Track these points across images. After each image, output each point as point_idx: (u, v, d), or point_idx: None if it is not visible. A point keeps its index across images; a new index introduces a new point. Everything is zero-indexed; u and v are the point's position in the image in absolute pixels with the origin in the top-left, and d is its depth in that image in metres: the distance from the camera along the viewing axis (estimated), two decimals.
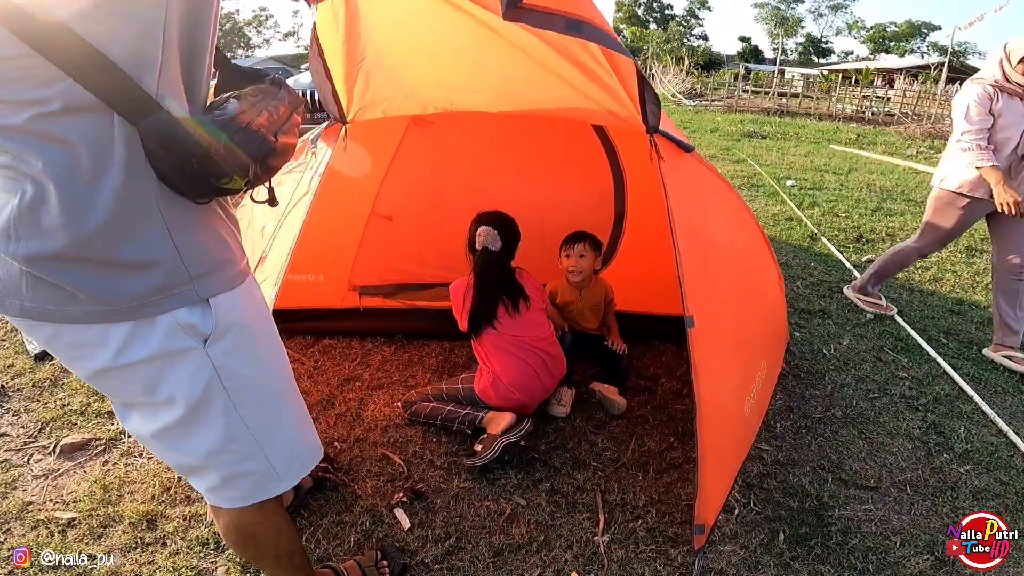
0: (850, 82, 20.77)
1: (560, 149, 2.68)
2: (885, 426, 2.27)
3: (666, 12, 64.05)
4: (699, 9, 64.04)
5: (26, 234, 0.84)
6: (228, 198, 1.02)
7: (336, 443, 2.10)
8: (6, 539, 1.73)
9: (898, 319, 3.07)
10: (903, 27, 61.74)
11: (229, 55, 1.06)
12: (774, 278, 2.48)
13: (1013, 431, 2.24)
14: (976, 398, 2.44)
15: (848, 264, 3.81)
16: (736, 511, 1.85)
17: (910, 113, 14.51)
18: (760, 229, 2.38)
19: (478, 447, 1.99)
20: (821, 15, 66.26)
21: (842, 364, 2.68)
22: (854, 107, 15.69)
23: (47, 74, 0.78)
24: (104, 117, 0.82)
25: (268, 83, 0.99)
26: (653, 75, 25.27)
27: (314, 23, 1.68)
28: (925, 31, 61.27)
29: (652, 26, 60.94)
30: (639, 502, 1.87)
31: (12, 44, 0.76)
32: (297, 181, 1.86)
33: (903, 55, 56.42)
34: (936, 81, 20.33)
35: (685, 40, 55.02)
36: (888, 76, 24.91)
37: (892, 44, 61.66)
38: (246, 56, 53.92)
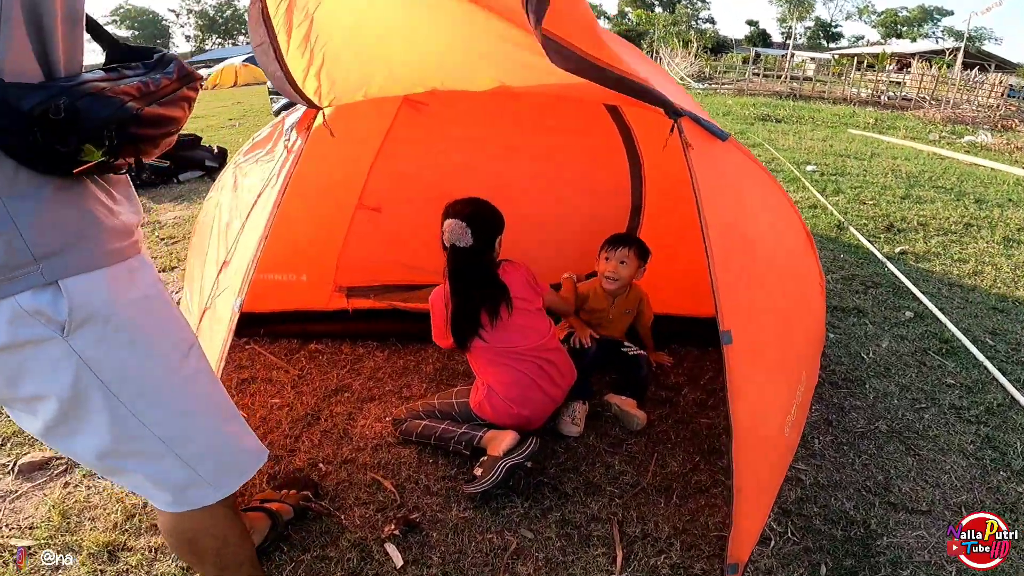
0: (863, 66, 20.32)
1: (569, 132, 2.41)
2: (935, 440, 2.03)
3: None
4: None
5: None
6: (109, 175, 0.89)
7: (321, 465, 1.88)
8: None
9: (944, 320, 2.81)
10: (915, 12, 61.10)
11: (232, 43, 0.86)
12: (816, 281, 2.22)
13: None
14: None
15: (880, 256, 3.54)
16: (772, 542, 1.62)
17: (927, 98, 14.09)
18: (805, 227, 2.11)
19: (478, 471, 1.76)
20: None
21: (883, 370, 2.43)
22: (869, 91, 15.31)
23: None
24: None
25: (156, 58, 0.91)
26: (660, 58, 24.73)
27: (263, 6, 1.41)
28: (938, 16, 60.53)
29: (658, 9, 60.02)
30: (661, 534, 1.65)
31: None
32: (268, 172, 1.62)
33: (915, 40, 55.97)
34: (950, 66, 19.89)
35: (692, 23, 53.95)
36: (901, 61, 24.48)
37: (904, 29, 60.82)
38: (248, 42, 53.84)
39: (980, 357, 2.51)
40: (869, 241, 3.79)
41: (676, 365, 2.43)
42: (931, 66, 19.01)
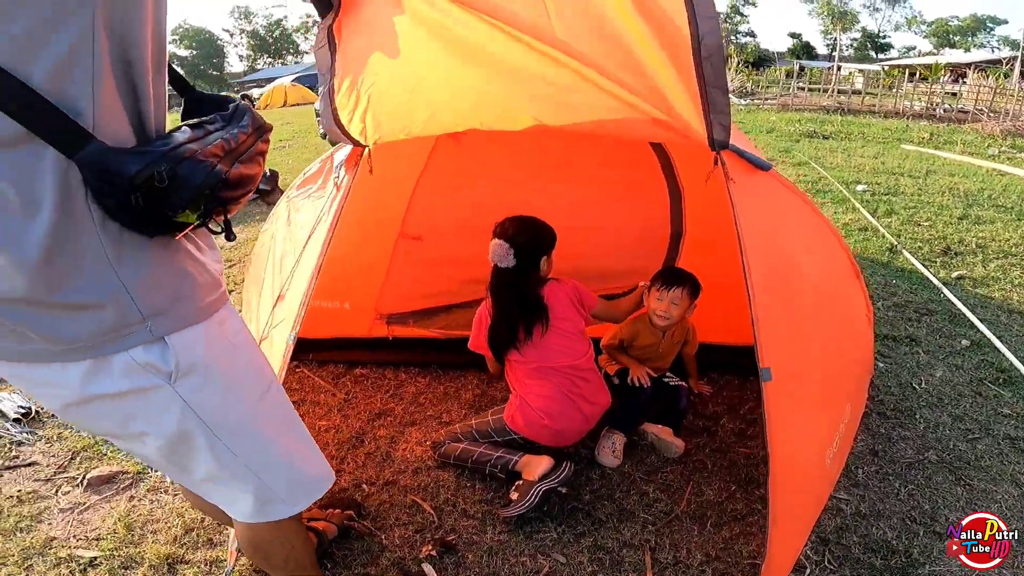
0: (915, 78, 19.47)
1: (607, 159, 2.46)
2: (987, 471, 1.96)
3: None
4: (743, 5, 61.75)
5: None
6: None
7: (364, 486, 1.96)
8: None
9: (1001, 348, 2.69)
10: (967, 21, 58.28)
11: (281, 63, 0.95)
12: (862, 311, 2.18)
13: None
14: None
15: (936, 281, 3.41)
16: (808, 571, 1.60)
17: (986, 110, 13.39)
18: (850, 257, 2.09)
19: (514, 495, 1.81)
20: (877, 10, 62.57)
21: (935, 400, 2.35)
22: (923, 104, 14.58)
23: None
24: (35, 150, 0.75)
25: (232, 109, 0.94)
26: None
27: (330, 28, 1.53)
28: (991, 25, 57.67)
29: None
30: (694, 561, 1.65)
31: None
32: (319, 209, 1.74)
33: (968, 50, 53.12)
34: (1007, 76, 18.92)
35: (732, 38, 52.83)
36: (956, 71, 23.33)
37: (956, 39, 58.07)
38: (295, 62, 56.31)
39: None
40: (924, 265, 3.65)
41: (716, 394, 2.41)
42: (987, 76, 18.10)
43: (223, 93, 1.04)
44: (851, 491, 1.88)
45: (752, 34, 62.41)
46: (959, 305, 3.09)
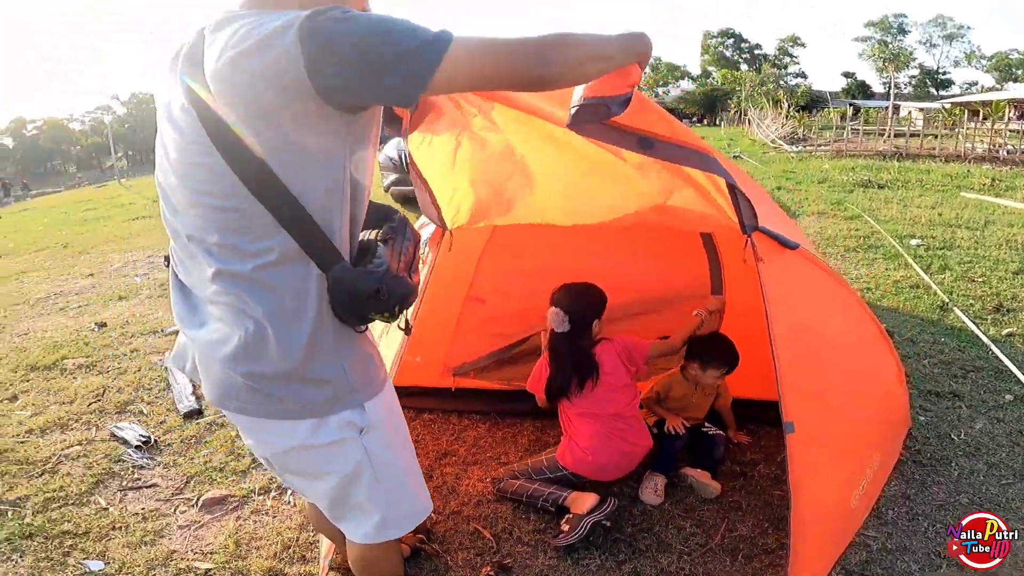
0: (978, 116, 18.47)
1: (654, 233, 2.73)
2: (1016, 512, 2.05)
3: (756, 52, 61.22)
4: (792, 47, 60.70)
5: (248, 360, 1.11)
6: None
7: (433, 515, 2.23)
8: None
9: None
10: None
11: None
12: (892, 369, 2.35)
13: None
14: None
15: (985, 339, 3.43)
16: None
17: None
18: (878, 324, 2.27)
19: (565, 527, 2.03)
20: (934, 45, 60.15)
21: (973, 450, 2.43)
22: (985, 145, 13.83)
23: (266, 227, 1.04)
24: (304, 267, 1.07)
25: (398, 221, 1.23)
26: (749, 120, 24.21)
27: (408, 152, 1.94)
28: None
29: (744, 67, 58.07)
30: None
31: (244, 197, 1.02)
32: None
33: None
34: None
35: (782, 81, 51.17)
36: (1021, 108, 22.03)
37: (1019, 72, 54.78)
38: None
39: None
40: (974, 323, 3.66)
41: (754, 444, 2.57)
42: None
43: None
44: (880, 529, 2.00)
45: (803, 75, 60.74)
46: (1005, 360, 3.13)
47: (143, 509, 2.40)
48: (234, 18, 1.01)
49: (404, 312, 1.20)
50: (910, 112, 28.69)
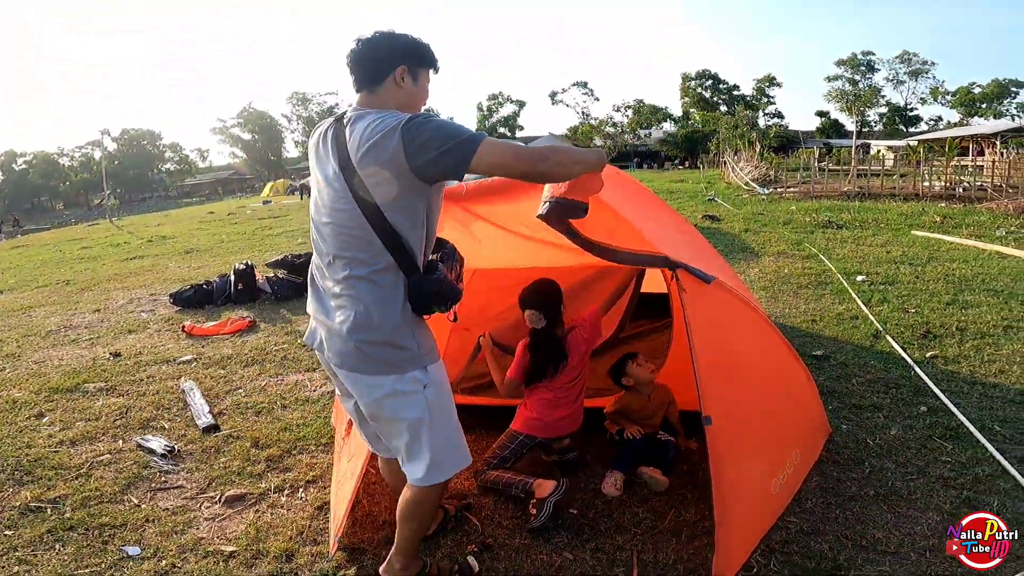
0: (940, 153, 19.10)
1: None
2: (916, 502, 2.44)
3: (734, 93, 61.81)
4: (768, 87, 61.63)
5: (359, 330, 1.73)
6: None
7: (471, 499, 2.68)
8: (183, 565, 2.34)
9: (951, 407, 3.19)
10: (990, 87, 56.03)
11: None
12: (802, 379, 2.80)
13: None
14: (1015, 473, 2.54)
15: (910, 360, 3.90)
16: (755, 570, 2.13)
17: (1003, 185, 13.28)
18: (784, 341, 2.70)
19: (533, 511, 2.44)
20: (901, 82, 61.20)
21: (885, 452, 2.86)
22: (943, 183, 14.57)
23: (378, 248, 1.69)
24: (397, 274, 1.74)
25: (449, 248, 1.92)
26: (725, 162, 24.86)
27: None
28: (1014, 89, 55.01)
29: (723, 108, 58.74)
30: (669, 560, 2.22)
31: (366, 229, 1.68)
32: None
33: (996, 117, 50.67)
34: None
35: (756, 122, 51.54)
36: (981, 143, 22.51)
37: (983, 107, 55.90)
38: None
39: (976, 434, 2.89)
40: (903, 348, 4.14)
41: (702, 447, 2.92)
42: (1008, 148, 17.69)
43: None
44: (799, 515, 2.41)
45: (779, 115, 61.51)
46: (923, 376, 3.61)
47: (172, 505, 2.75)
48: (365, 115, 1.68)
49: (453, 307, 1.84)
50: (879, 151, 29.59)
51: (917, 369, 3.75)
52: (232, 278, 6.92)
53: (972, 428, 2.98)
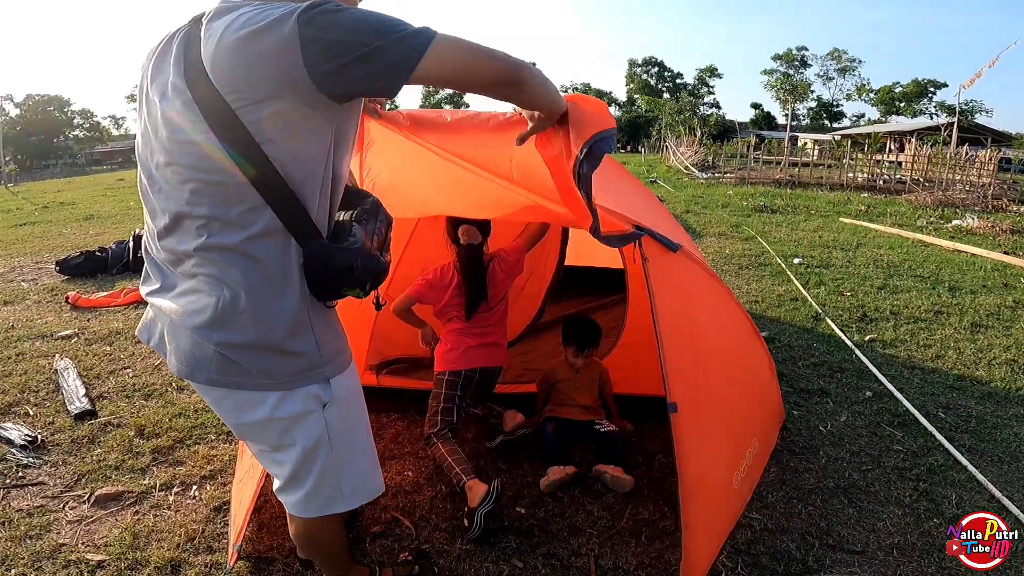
0: (862, 148, 20.11)
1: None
2: (876, 495, 2.34)
3: (678, 81, 63.21)
4: (709, 77, 63.28)
5: (223, 327, 1.15)
6: None
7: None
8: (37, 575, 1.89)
9: (897, 395, 3.15)
10: (910, 87, 58.17)
11: None
12: (765, 364, 2.62)
13: (1005, 496, 2.29)
14: (967, 465, 2.50)
15: (850, 343, 3.89)
16: (722, 573, 1.92)
17: (921, 180, 14.19)
18: (750, 321, 2.53)
19: (465, 522, 2.11)
20: (830, 78, 63.62)
21: (838, 440, 2.75)
22: (865, 175, 15.35)
23: (252, 201, 1.11)
24: (286, 240, 1.15)
25: (371, 205, 1.30)
26: (667, 147, 25.39)
27: None
28: (932, 90, 57.57)
29: (666, 95, 59.84)
30: (630, 566, 1.97)
31: (234, 172, 1.09)
32: None
33: (913, 116, 53.80)
34: (947, 143, 19.87)
35: (697, 109, 53.12)
36: (900, 140, 24.27)
37: (902, 105, 58.69)
38: None
39: (925, 423, 2.84)
40: (842, 331, 4.14)
41: (654, 436, 2.74)
42: (924, 144, 18.97)
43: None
44: (761, 511, 2.23)
45: (717, 105, 62.99)
46: (866, 362, 3.57)
47: (28, 505, 2.25)
48: (234, 7, 1.10)
49: (375, 289, 1.27)
50: (805, 143, 31.13)
51: (859, 353, 3.73)
52: (131, 245, 6.13)
53: (920, 417, 2.93)
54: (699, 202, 11.01)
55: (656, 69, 63.00)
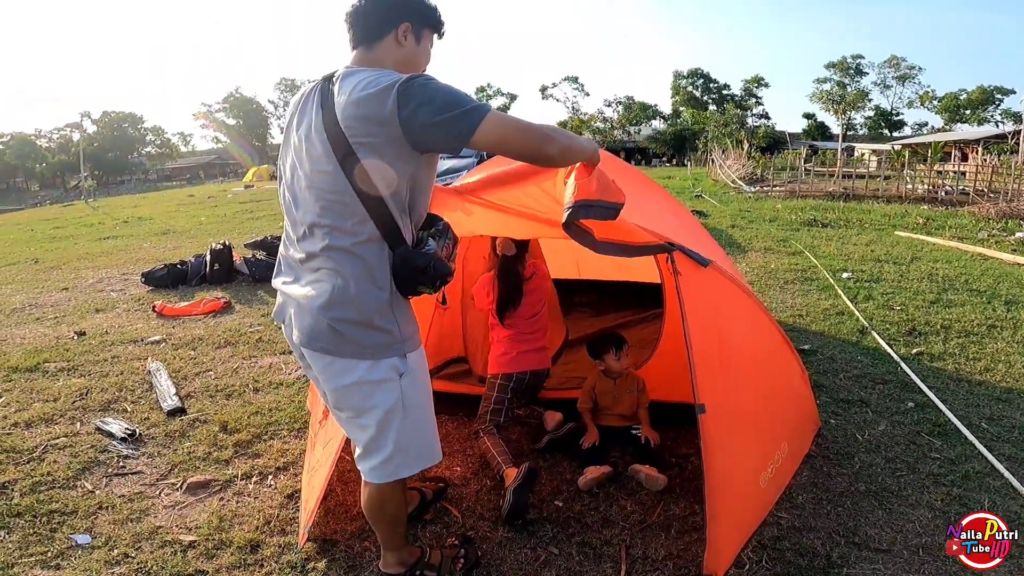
0: (924, 158, 19.36)
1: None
2: (907, 499, 2.39)
3: (724, 92, 61.54)
4: (756, 88, 61.30)
5: (334, 307, 1.56)
6: None
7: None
8: (137, 555, 2.18)
9: (939, 404, 3.16)
10: (975, 94, 55.67)
11: None
12: (796, 373, 2.72)
13: None
14: (1003, 471, 2.51)
15: (896, 357, 3.87)
16: (747, 566, 2.05)
17: (985, 190, 13.49)
18: (781, 332, 2.63)
19: (502, 502, 2.32)
20: (888, 86, 61.24)
21: (874, 447, 2.80)
22: (926, 186, 14.74)
23: (361, 215, 1.53)
24: (382, 245, 1.58)
25: (442, 226, 1.70)
26: (713, 160, 25.03)
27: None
28: (999, 96, 54.79)
29: (712, 107, 58.73)
30: (659, 556, 2.12)
31: (350, 195, 1.52)
32: None
33: (979, 124, 51.27)
34: (1014, 152, 18.90)
35: (745, 121, 52.10)
36: (964, 149, 23.30)
37: (967, 113, 56.03)
38: None
39: (964, 431, 2.85)
40: (888, 344, 4.11)
41: (688, 440, 2.86)
42: (991, 153, 17.97)
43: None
44: (790, 511, 2.33)
45: (766, 116, 61.05)
46: (909, 372, 3.57)
47: (129, 492, 2.58)
48: (356, 72, 1.54)
49: (443, 287, 1.66)
50: (863, 154, 29.88)
51: (903, 365, 3.72)
52: (208, 258, 6.69)
53: (960, 425, 2.94)
54: (746, 216, 10.87)
55: (701, 81, 61.88)
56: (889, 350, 4.00)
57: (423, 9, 1.66)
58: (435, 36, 1.72)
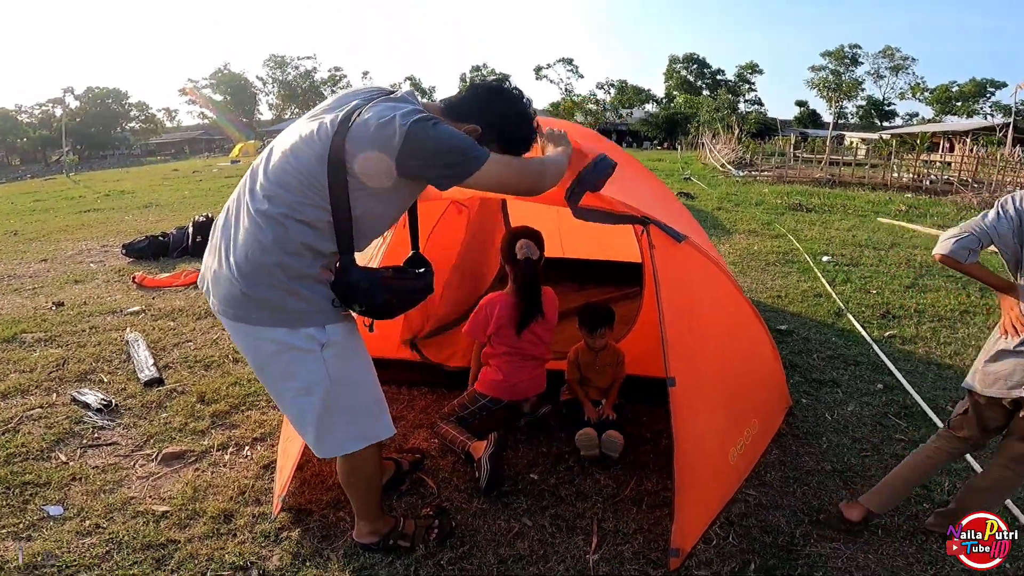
0: (912, 147, 19.58)
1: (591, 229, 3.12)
2: (871, 480, 2.44)
3: (717, 77, 61.62)
4: (750, 74, 61.42)
5: (249, 268, 1.56)
6: None
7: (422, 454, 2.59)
8: (109, 525, 2.19)
9: (906, 386, 3.23)
10: (967, 86, 55.76)
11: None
12: (767, 349, 2.76)
13: None
14: (967, 456, 2.58)
15: (869, 339, 3.95)
16: (714, 541, 2.10)
17: (969, 180, 13.64)
18: (753, 309, 2.66)
19: (476, 473, 2.36)
20: (881, 77, 61.45)
21: (842, 427, 2.87)
22: (911, 175, 14.86)
23: (320, 203, 1.55)
24: (326, 239, 1.59)
25: (422, 271, 1.81)
26: (703, 144, 25.13)
27: None
28: (991, 89, 54.89)
29: (706, 92, 58.64)
30: (629, 530, 2.16)
31: (321, 185, 1.54)
32: (374, 247, 2.50)
33: (969, 116, 51.75)
34: (1000, 144, 19.20)
35: (737, 106, 51.94)
36: (952, 140, 23.56)
37: (958, 105, 56.18)
38: None
39: (930, 413, 2.93)
40: (862, 326, 4.20)
41: (663, 416, 2.85)
42: (979, 144, 18.18)
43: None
44: (758, 488, 2.39)
45: (759, 102, 61.06)
46: (880, 354, 3.64)
47: (103, 463, 2.58)
48: (381, 102, 1.60)
49: (371, 316, 1.71)
50: (853, 142, 30.03)
51: (875, 347, 3.79)
52: (191, 230, 6.61)
53: (925, 407, 3.02)
54: (732, 199, 10.90)
55: (696, 66, 61.55)
56: (863, 332, 4.08)
57: (507, 135, 1.73)
58: (496, 148, 1.73)
